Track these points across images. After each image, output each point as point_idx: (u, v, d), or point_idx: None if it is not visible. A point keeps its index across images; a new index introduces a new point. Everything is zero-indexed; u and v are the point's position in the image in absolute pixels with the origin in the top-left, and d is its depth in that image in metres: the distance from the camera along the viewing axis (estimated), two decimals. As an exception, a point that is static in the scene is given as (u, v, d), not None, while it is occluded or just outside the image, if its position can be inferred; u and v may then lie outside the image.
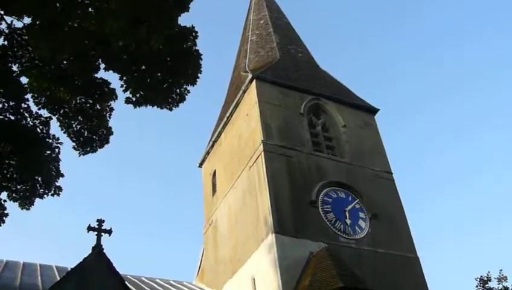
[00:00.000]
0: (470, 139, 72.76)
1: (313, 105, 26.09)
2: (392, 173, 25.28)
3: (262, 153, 22.47)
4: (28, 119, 14.71)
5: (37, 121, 14.77)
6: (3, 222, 14.88)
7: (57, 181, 15.18)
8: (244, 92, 25.97)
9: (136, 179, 73.27)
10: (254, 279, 20.84)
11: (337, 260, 18.87)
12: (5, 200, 14.86)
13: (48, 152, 14.78)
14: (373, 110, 28.02)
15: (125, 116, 44.88)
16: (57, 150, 15.00)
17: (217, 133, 28.73)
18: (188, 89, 14.57)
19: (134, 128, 74.42)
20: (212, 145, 29.25)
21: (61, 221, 67.68)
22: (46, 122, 14.83)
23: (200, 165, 30.62)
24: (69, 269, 12.88)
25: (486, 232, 66.05)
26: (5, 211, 14.88)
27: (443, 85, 75.75)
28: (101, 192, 72.12)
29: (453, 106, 74.51)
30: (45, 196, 15.10)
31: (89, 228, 13.30)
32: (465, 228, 67.31)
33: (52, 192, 15.17)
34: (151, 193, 73.27)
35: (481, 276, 15.15)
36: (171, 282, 25.10)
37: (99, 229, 13.34)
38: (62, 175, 15.26)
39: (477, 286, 15.03)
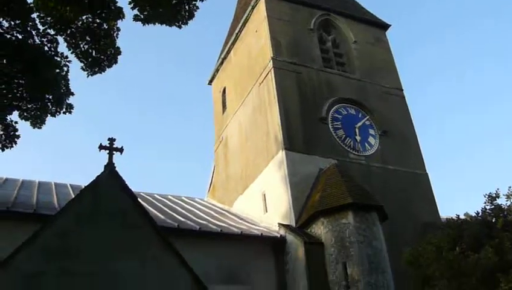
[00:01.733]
0: (488, 60, 71.24)
1: (323, 21, 25.62)
2: (402, 90, 25.12)
3: (272, 70, 22.30)
4: (35, 37, 14.52)
5: (44, 40, 14.57)
6: (16, 143, 15.01)
7: (67, 99, 15.20)
8: (253, 8, 25.48)
9: (146, 99, 73.25)
10: (264, 195, 21.20)
11: (346, 176, 19.04)
12: (16, 122, 14.96)
13: (57, 70, 14.70)
14: (384, 26, 27.52)
15: (133, 37, 44.21)
16: (65, 68, 14.92)
17: (226, 50, 28.43)
18: (196, 5, 14.28)
19: (143, 49, 73.71)
20: (222, 62, 29.01)
21: (72, 141, 68.36)
22: (53, 41, 14.65)
23: (210, 82, 30.50)
24: (83, 187, 13.06)
25: (495, 150, 66.12)
26: (17, 133, 15.00)
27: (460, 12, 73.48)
28: (111, 113, 72.34)
29: (468, 33, 72.64)
30: (57, 114, 15.16)
31: (101, 147, 13.38)
32: (474, 146, 67.35)
33: (64, 110, 15.22)
34: (161, 113, 73.38)
35: (489, 193, 15.24)
36: (183, 198, 25.55)
37: (110, 147, 13.43)
38: (72, 93, 15.25)
39: (485, 203, 15.14)
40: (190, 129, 75.28)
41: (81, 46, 14.66)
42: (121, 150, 13.56)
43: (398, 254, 16.74)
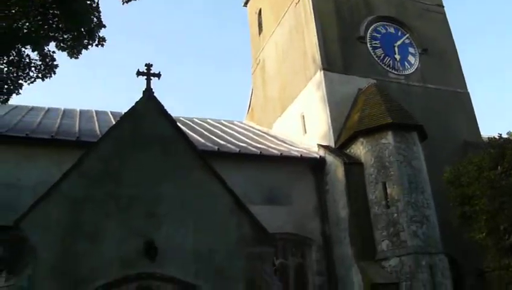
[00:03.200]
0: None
1: None
2: (443, 7, 24.26)
3: (308, -12, 21.73)
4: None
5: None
6: (54, 72, 15.17)
7: (99, 32, 15.16)
8: None
9: (181, 23, 72.58)
10: (303, 116, 21.18)
11: (385, 95, 18.80)
12: (53, 52, 15.05)
13: (88, 2, 14.61)
14: None
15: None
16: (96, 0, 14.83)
17: (260, -31, 27.73)
18: None
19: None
20: (257, -17, 28.38)
21: (111, 68, 68.80)
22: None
23: (245, 4, 29.97)
24: (123, 114, 13.23)
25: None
26: (55, 63, 15.12)
27: None
28: (148, 37, 72.02)
29: None
30: (89, 46, 15.17)
31: (138, 73, 13.41)
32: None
33: (96, 42, 15.23)
34: (198, 37, 72.76)
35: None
36: (222, 122, 25.71)
37: (148, 73, 13.45)
38: (104, 26, 15.18)
39: (526, 121, 14.93)
40: (228, 51, 74.77)
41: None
42: (158, 75, 13.59)
43: (438, 173, 16.69)
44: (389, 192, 16.73)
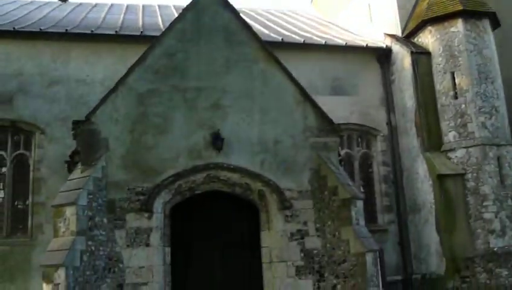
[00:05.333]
0: None
1: None
2: None
3: None
4: None
5: None
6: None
7: None
8: None
9: None
10: (369, 4, 20.50)
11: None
12: None
13: None
14: None
15: None
16: None
17: None
18: None
19: None
20: None
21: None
22: None
23: None
24: (185, 6, 13.06)
25: None
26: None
27: None
28: None
29: None
30: None
31: (200, -37, 13.08)
32: None
33: None
34: None
35: None
36: (286, 12, 25.23)
37: (209, -37, 13.11)
38: None
39: None
40: None
41: None
42: (220, -36, 13.23)
43: (510, 62, 16.04)
44: (457, 82, 16.32)
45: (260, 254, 11.70)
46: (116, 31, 16.40)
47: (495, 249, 15.13)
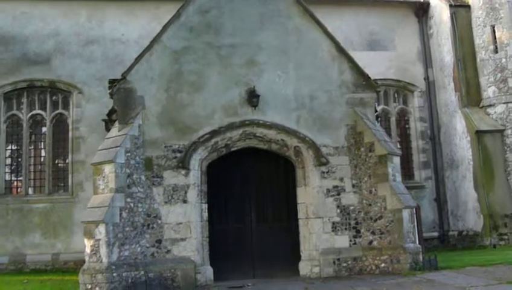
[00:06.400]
0: None
1: None
2: None
3: None
4: None
5: None
6: None
7: None
8: None
9: None
10: (406, -43, 19.94)
11: None
12: None
13: None
14: None
15: None
16: None
17: None
18: None
19: None
20: None
21: None
22: None
23: None
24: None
25: None
26: None
27: None
28: None
29: None
30: None
31: None
32: None
33: None
34: None
35: None
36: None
37: None
38: None
39: None
40: None
41: None
42: None
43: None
44: (497, 36, 15.91)
45: (296, 210, 11.79)
46: (150, -11, 16.38)
47: (534, 206, 15.00)
